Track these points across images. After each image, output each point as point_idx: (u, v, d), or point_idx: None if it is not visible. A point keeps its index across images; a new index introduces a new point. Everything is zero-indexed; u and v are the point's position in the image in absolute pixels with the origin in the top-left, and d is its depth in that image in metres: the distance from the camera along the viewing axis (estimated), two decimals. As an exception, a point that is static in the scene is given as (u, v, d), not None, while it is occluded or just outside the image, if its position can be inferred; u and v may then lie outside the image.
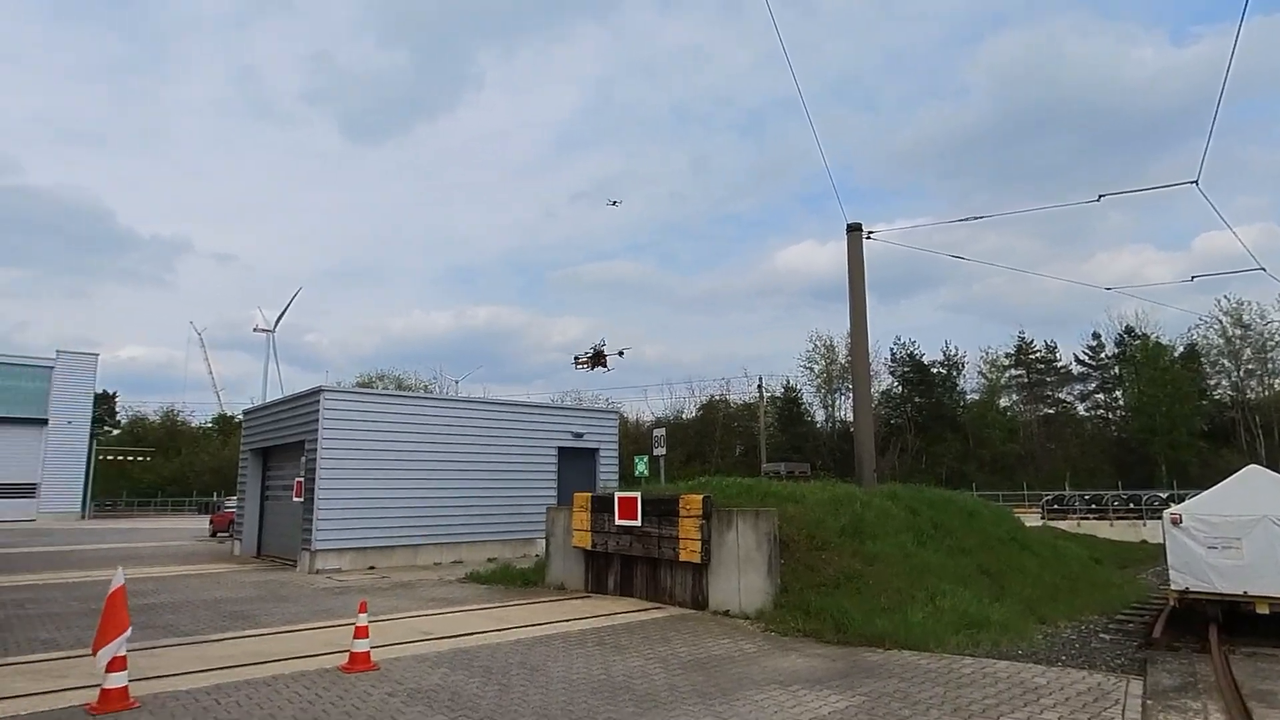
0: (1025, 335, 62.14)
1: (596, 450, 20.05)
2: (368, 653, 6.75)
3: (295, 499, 16.51)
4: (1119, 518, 29.64)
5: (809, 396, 62.82)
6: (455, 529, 17.07)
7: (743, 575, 9.49)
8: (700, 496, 10.03)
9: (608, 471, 20.12)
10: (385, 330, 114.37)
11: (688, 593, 10.08)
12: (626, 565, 11.12)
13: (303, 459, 16.30)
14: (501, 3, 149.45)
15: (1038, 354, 61.44)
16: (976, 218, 63.64)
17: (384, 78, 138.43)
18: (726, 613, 9.46)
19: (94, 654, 5.54)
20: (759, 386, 54.36)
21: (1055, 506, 32.69)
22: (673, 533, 10.17)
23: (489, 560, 16.08)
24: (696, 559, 9.81)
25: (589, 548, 11.61)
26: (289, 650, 7.61)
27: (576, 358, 13.53)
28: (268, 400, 23.44)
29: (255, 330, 77.31)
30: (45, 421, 42.64)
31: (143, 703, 5.54)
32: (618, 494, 11.38)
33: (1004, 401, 61.68)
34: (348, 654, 6.80)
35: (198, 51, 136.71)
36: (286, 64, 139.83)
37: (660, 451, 20.68)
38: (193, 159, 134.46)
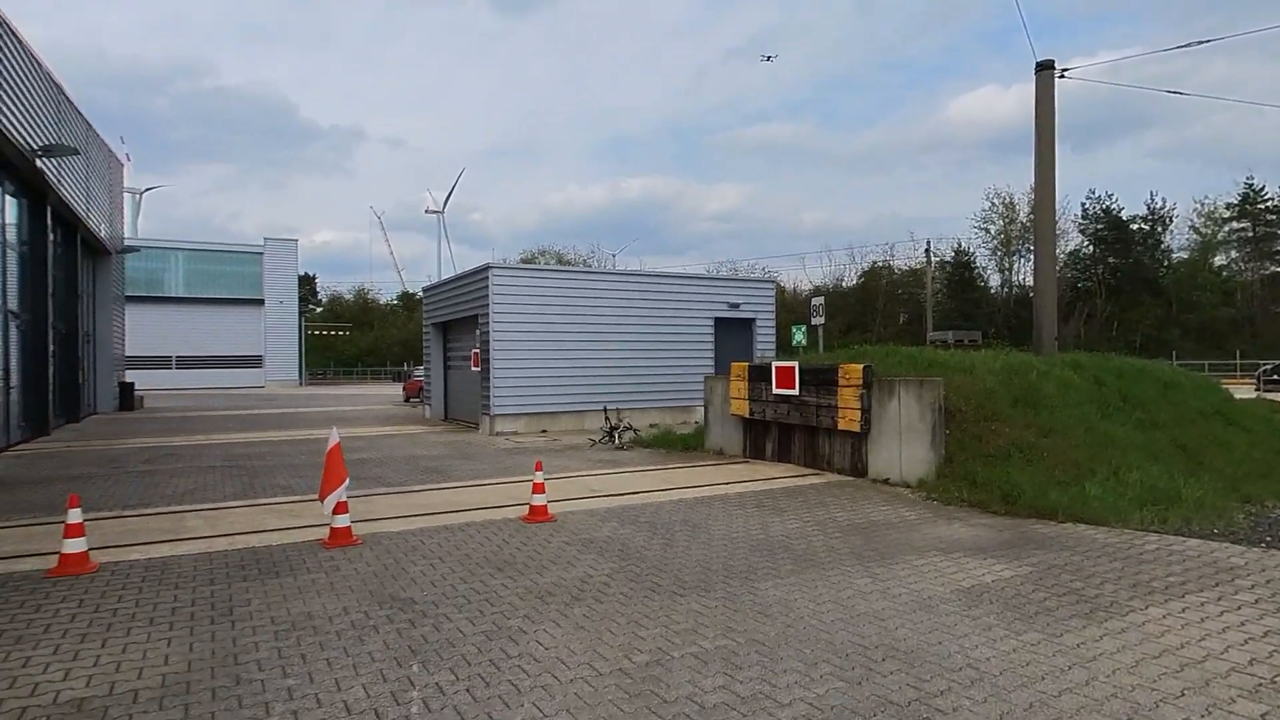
0: (1254, 181, 53.38)
1: (753, 320, 19.99)
2: (545, 505, 7.42)
3: (473, 369, 17.95)
4: (1357, 390, 25.95)
5: (983, 260, 58.48)
6: (618, 396, 17.91)
7: (904, 444, 9.33)
8: (860, 366, 9.82)
9: (764, 341, 20.08)
10: (544, 206, 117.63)
11: (846, 460, 10.11)
12: (784, 433, 11.26)
13: (477, 332, 17.54)
14: None
15: (1268, 202, 52.82)
16: (1201, 42, 54.11)
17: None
18: (886, 481, 9.43)
19: (321, 500, 6.51)
20: (926, 250, 51.07)
21: (1275, 377, 29.07)
22: (831, 401, 10.11)
23: (650, 426, 16.84)
24: (856, 428, 9.74)
25: (746, 415, 11.83)
26: (477, 501, 8.50)
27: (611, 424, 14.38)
28: (442, 278, 25.16)
29: (426, 212, 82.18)
30: (262, 301, 48.55)
31: (364, 540, 6.49)
32: (775, 363, 11.38)
33: (1220, 260, 54.26)
34: (527, 506, 7.52)
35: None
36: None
37: (818, 321, 20.25)
38: (361, 49, 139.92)
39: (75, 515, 5.62)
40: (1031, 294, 26.08)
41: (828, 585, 5.14)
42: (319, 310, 78.69)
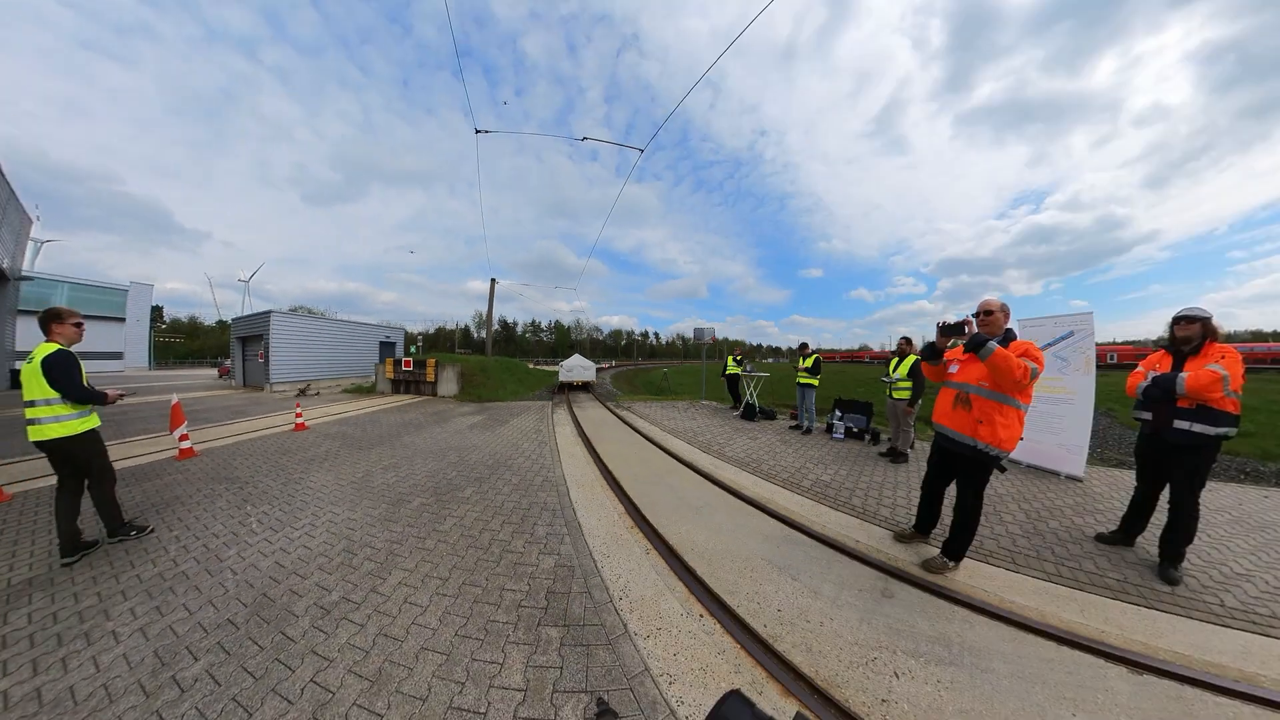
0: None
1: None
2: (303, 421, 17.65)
3: (259, 360, 33.90)
4: None
5: None
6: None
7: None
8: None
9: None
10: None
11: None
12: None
13: (262, 341, 33.75)
14: None
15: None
16: None
17: None
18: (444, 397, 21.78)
19: (170, 431, 14.27)
20: None
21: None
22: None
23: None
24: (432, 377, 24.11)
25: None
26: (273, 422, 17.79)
27: None
28: (244, 314, 44.52)
29: (239, 280, 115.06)
30: (124, 319, 71.74)
31: (202, 453, 13.25)
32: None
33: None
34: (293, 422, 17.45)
35: None
36: None
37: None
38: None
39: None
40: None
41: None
42: (164, 326, 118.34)
